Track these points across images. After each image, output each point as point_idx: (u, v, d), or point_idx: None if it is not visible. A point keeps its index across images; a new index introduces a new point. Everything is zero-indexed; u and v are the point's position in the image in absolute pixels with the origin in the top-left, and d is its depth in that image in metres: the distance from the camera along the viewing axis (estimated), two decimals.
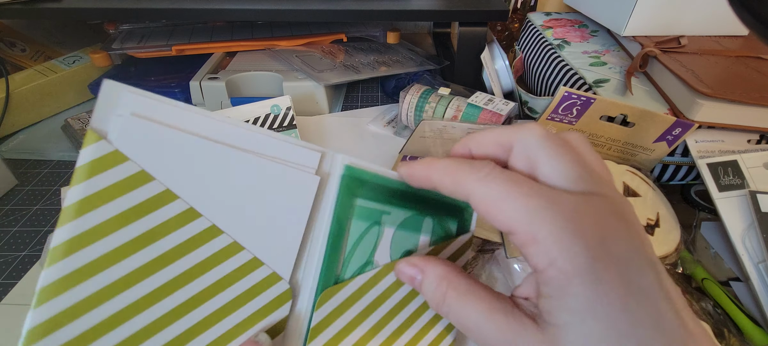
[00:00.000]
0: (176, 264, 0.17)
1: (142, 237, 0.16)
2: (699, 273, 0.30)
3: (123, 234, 0.16)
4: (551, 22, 0.57)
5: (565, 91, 0.34)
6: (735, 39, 0.43)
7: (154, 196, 0.16)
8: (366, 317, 0.21)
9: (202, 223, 0.17)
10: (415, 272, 0.18)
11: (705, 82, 0.33)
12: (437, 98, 0.44)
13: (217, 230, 0.17)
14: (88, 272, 0.15)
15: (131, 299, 0.16)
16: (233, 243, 0.18)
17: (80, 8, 0.45)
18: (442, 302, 0.17)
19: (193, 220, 0.17)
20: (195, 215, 0.17)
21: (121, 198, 0.16)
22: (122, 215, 0.16)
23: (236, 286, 0.18)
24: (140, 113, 0.16)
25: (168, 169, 0.17)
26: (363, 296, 0.21)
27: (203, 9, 0.45)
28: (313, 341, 0.20)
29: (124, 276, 0.16)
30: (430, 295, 0.17)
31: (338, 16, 0.47)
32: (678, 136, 0.34)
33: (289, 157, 0.19)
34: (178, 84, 0.49)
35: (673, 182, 0.39)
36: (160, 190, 0.16)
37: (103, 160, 0.15)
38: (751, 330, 0.26)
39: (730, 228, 0.29)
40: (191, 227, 0.17)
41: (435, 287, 0.17)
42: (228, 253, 0.18)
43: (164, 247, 0.17)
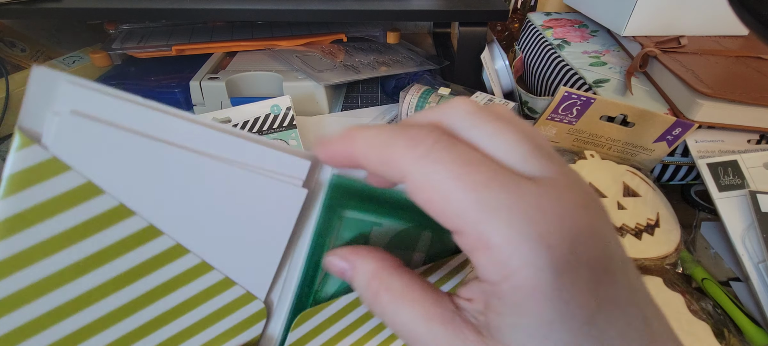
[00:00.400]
0: (133, 287, 0.15)
1: (92, 259, 0.14)
2: (699, 273, 0.30)
3: (66, 256, 0.14)
4: (551, 22, 0.57)
5: (565, 91, 0.34)
6: (735, 39, 0.43)
7: (104, 212, 0.14)
8: (344, 337, 0.20)
9: (164, 242, 0.15)
10: (344, 266, 0.16)
11: (705, 82, 0.33)
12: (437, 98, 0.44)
13: (183, 249, 0.15)
14: (24, 297, 0.13)
15: (80, 323, 0.14)
16: (201, 263, 0.16)
17: (80, 8, 0.45)
18: (374, 302, 0.15)
19: (154, 238, 0.15)
20: (155, 233, 0.15)
21: (63, 215, 0.13)
22: (65, 234, 0.13)
23: (204, 306, 0.17)
24: (83, 111, 0.13)
25: (121, 180, 0.14)
26: (343, 318, 0.19)
27: (203, 9, 0.45)
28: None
29: (69, 301, 0.14)
30: (361, 292, 0.15)
31: (338, 16, 0.47)
32: (678, 136, 0.34)
33: (274, 167, 0.16)
34: (178, 84, 0.49)
35: (673, 182, 0.39)
36: (112, 205, 0.14)
37: (39, 169, 0.13)
38: (751, 330, 0.26)
39: (730, 228, 0.29)
40: (151, 247, 0.15)
41: (366, 285, 0.15)
42: (196, 273, 0.16)
43: (119, 269, 0.15)
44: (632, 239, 0.30)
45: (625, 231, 0.31)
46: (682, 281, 0.30)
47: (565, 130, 0.37)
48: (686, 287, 0.30)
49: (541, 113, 0.36)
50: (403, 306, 0.14)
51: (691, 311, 0.27)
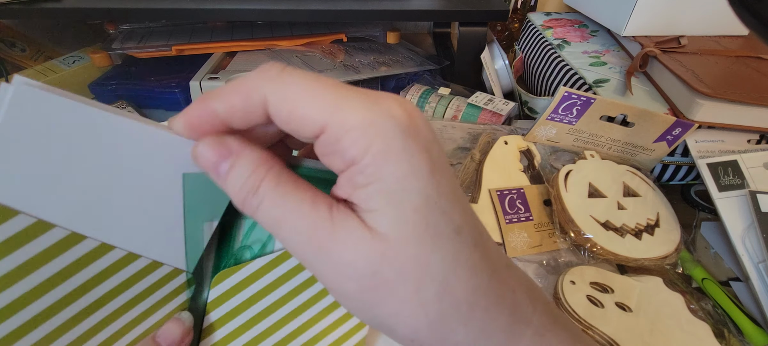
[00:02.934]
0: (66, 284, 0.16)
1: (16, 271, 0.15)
2: (699, 273, 0.30)
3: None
4: (551, 22, 0.57)
5: (565, 91, 0.34)
6: (735, 39, 0.43)
7: (21, 230, 0.14)
8: (262, 297, 0.22)
9: (89, 243, 0.16)
10: (220, 156, 0.14)
11: (705, 82, 0.33)
12: (437, 98, 0.44)
13: (108, 247, 0.17)
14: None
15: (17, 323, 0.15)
16: (128, 254, 0.17)
17: (80, 8, 0.45)
18: (252, 193, 0.14)
19: (79, 242, 0.16)
20: (79, 238, 0.16)
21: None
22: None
23: (136, 286, 0.18)
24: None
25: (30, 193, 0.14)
26: (260, 279, 0.21)
27: (203, 9, 0.45)
28: (210, 313, 0.21)
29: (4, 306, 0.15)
30: (239, 184, 0.14)
31: (338, 16, 0.47)
32: (678, 136, 0.34)
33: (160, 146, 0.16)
34: (178, 84, 0.49)
35: (673, 182, 0.39)
36: (29, 223, 0.14)
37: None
38: (751, 330, 0.26)
39: (730, 228, 0.29)
40: (77, 249, 0.16)
41: (249, 174, 0.14)
42: (124, 262, 0.17)
43: (45, 275, 0.15)
44: (632, 239, 0.30)
45: (625, 231, 0.31)
46: (682, 281, 0.30)
47: (565, 130, 0.37)
48: (686, 287, 0.30)
49: (541, 113, 0.36)
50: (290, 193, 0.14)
51: (691, 311, 0.27)
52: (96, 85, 0.50)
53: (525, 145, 0.37)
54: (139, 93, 0.49)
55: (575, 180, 0.33)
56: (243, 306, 0.22)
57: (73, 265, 0.16)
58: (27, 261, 0.15)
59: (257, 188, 0.14)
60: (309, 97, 0.13)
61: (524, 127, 0.40)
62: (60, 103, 0.14)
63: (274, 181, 0.14)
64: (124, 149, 0.15)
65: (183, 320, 0.19)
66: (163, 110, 0.50)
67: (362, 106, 0.13)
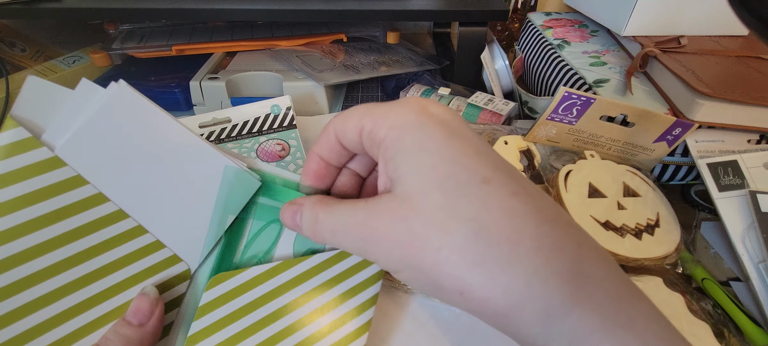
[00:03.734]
0: (78, 243, 0.19)
1: (47, 217, 0.18)
2: (699, 273, 0.30)
3: (28, 212, 0.17)
4: (551, 22, 0.57)
5: (565, 91, 0.34)
6: (735, 39, 0.43)
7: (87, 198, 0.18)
8: (258, 307, 0.22)
9: (108, 207, 0.19)
10: (295, 209, 0.19)
11: (705, 82, 0.33)
12: (437, 98, 0.44)
13: (123, 214, 0.19)
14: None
15: (30, 271, 0.18)
16: (138, 226, 0.20)
17: (80, 8, 0.45)
18: (315, 223, 0.18)
19: (100, 204, 0.19)
20: (102, 199, 0.19)
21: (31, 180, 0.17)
22: (29, 195, 0.17)
23: (135, 265, 0.20)
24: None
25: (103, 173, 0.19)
26: (256, 287, 0.22)
27: (203, 9, 0.45)
28: (201, 319, 0.21)
29: (25, 250, 0.17)
30: (307, 222, 0.18)
31: (338, 16, 0.47)
32: (678, 136, 0.34)
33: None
34: (178, 84, 0.49)
35: (673, 182, 0.39)
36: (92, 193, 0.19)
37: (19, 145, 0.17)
38: (751, 330, 0.26)
39: (730, 228, 0.29)
40: (96, 211, 0.19)
41: (309, 211, 0.18)
42: (131, 235, 0.20)
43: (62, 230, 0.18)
44: (632, 239, 0.30)
45: (625, 231, 0.31)
46: (682, 281, 0.30)
47: (565, 130, 0.37)
48: (686, 287, 0.30)
49: (541, 113, 0.36)
50: (337, 208, 0.17)
51: (691, 311, 0.27)
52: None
53: (525, 145, 0.37)
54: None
55: (575, 180, 0.33)
56: (240, 312, 0.21)
57: (88, 225, 0.19)
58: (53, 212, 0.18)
59: (317, 219, 0.18)
60: (350, 112, 0.17)
61: (524, 127, 0.40)
62: (145, 105, 0.19)
63: (326, 208, 0.18)
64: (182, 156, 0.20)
65: (148, 294, 0.20)
66: None
67: (384, 106, 0.17)
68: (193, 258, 0.21)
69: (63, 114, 0.18)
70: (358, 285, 0.23)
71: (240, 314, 0.21)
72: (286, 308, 0.22)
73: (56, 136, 0.18)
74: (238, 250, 0.22)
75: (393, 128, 0.16)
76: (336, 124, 0.18)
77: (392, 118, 0.16)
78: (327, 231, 0.17)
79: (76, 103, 0.18)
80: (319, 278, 0.23)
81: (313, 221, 0.18)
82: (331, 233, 0.17)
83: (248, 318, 0.21)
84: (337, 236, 0.17)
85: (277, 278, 0.22)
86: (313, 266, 0.23)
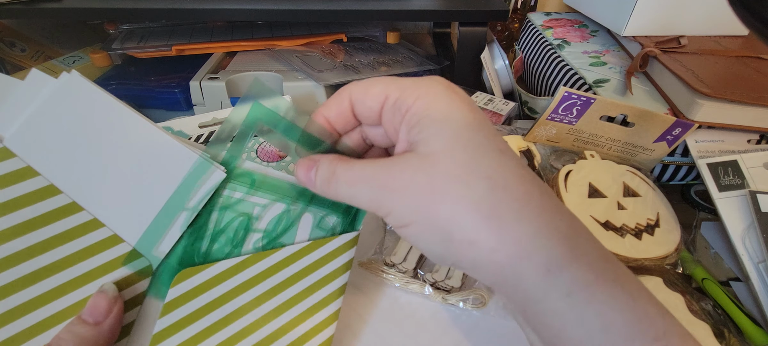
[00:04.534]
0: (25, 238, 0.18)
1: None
2: (699, 273, 0.30)
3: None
4: (551, 22, 0.57)
5: (565, 91, 0.34)
6: (735, 39, 0.43)
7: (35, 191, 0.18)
8: (226, 301, 0.21)
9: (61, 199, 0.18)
10: (310, 163, 0.19)
11: (705, 82, 0.33)
12: None
13: (77, 207, 0.19)
14: None
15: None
16: (93, 219, 0.19)
17: (80, 8, 0.45)
18: (331, 176, 0.18)
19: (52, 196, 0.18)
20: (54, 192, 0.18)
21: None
22: None
23: (90, 260, 0.19)
24: None
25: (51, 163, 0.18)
26: (224, 282, 0.21)
27: (203, 9, 0.45)
28: (166, 315, 0.20)
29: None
30: (322, 175, 0.19)
31: (338, 16, 0.47)
32: (678, 136, 0.34)
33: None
34: (178, 84, 0.49)
35: (673, 182, 0.39)
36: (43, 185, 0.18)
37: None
38: (751, 330, 0.26)
39: (730, 228, 0.29)
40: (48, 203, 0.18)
41: (327, 164, 0.18)
42: (86, 229, 0.19)
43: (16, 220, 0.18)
44: (632, 239, 0.30)
45: (625, 231, 0.31)
46: (682, 281, 0.30)
47: (565, 130, 0.37)
48: (686, 287, 0.30)
49: (541, 113, 0.36)
50: (356, 164, 0.18)
51: (691, 311, 0.27)
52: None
53: (525, 145, 0.37)
54: (139, 93, 0.49)
55: (575, 180, 0.33)
56: (208, 308, 0.21)
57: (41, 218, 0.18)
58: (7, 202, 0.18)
59: (334, 172, 0.18)
60: (372, 82, 0.18)
61: (524, 127, 0.40)
62: (98, 95, 0.19)
63: (344, 163, 0.18)
64: (139, 147, 0.19)
65: (106, 291, 0.19)
66: (163, 110, 0.50)
67: (410, 79, 0.18)
68: (153, 253, 0.20)
69: (12, 104, 0.18)
70: (326, 276, 0.23)
71: (207, 310, 0.21)
72: (255, 302, 0.22)
73: (5, 126, 0.18)
74: (203, 244, 0.21)
75: (421, 97, 0.17)
76: (354, 90, 0.19)
77: (423, 89, 0.17)
78: (343, 183, 0.18)
79: (27, 94, 0.18)
80: (288, 270, 0.23)
81: (330, 174, 0.18)
82: (347, 185, 0.18)
83: (216, 313, 0.21)
84: (353, 187, 0.18)
85: (245, 272, 0.21)
86: (282, 259, 0.22)
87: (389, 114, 0.18)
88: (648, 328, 0.15)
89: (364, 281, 0.30)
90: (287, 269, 0.23)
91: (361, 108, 0.19)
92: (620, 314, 0.15)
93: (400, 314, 0.28)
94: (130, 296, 0.20)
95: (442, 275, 0.29)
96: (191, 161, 0.20)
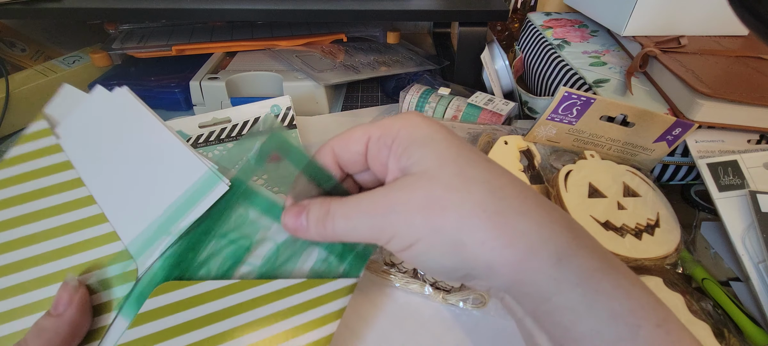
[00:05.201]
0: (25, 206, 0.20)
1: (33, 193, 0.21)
2: (699, 273, 0.30)
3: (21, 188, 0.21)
4: (551, 22, 0.57)
5: (565, 91, 0.34)
6: (735, 39, 0.43)
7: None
8: (205, 325, 0.20)
9: (82, 192, 0.21)
10: (299, 209, 0.19)
11: (705, 82, 0.33)
12: (437, 98, 0.44)
13: (91, 200, 0.21)
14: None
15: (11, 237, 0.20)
16: (100, 214, 0.21)
17: (80, 8, 0.45)
18: (326, 215, 0.18)
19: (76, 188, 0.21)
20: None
21: (35, 160, 0.21)
22: (29, 173, 0.21)
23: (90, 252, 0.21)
24: None
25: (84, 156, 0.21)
26: (207, 303, 0.20)
27: (203, 9, 0.45)
28: (138, 327, 0.19)
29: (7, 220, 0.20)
30: (315, 216, 0.19)
31: (338, 16, 0.47)
32: (678, 136, 0.34)
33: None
34: (178, 84, 0.49)
35: (673, 182, 0.39)
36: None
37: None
38: (751, 330, 0.26)
39: (730, 228, 0.29)
40: (74, 193, 0.21)
41: (319, 205, 0.19)
42: (93, 222, 0.21)
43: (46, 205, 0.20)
44: (632, 239, 0.30)
45: (625, 231, 0.31)
46: (682, 281, 0.30)
47: (565, 130, 0.37)
48: (686, 287, 0.30)
49: (541, 113, 0.36)
50: (351, 200, 0.18)
51: (691, 311, 0.27)
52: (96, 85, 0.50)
53: (525, 145, 0.37)
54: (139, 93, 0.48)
55: (575, 180, 0.33)
56: (185, 328, 0.20)
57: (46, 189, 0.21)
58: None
59: (328, 210, 0.18)
60: (349, 131, 0.19)
61: (524, 128, 0.40)
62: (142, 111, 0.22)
63: (337, 199, 0.18)
64: (157, 148, 0.22)
65: (68, 282, 0.20)
66: (163, 110, 0.50)
67: (387, 118, 0.19)
68: (143, 260, 0.20)
69: (77, 113, 0.22)
70: (315, 320, 0.22)
71: (183, 330, 0.20)
72: (235, 332, 0.20)
73: (65, 129, 0.22)
74: (195, 260, 0.21)
75: (404, 127, 0.18)
76: (335, 142, 0.19)
77: (402, 121, 0.18)
78: (340, 218, 0.18)
79: (89, 104, 0.22)
80: (277, 305, 0.21)
81: (324, 213, 0.18)
82: (344, 219, 0.18)
83: (192, 335, 0.20)
84: (351, 220, 0.18)
85: (232, 298, 0.20)
86: (271, 292, 0.21)
87: (374, 151, 0.19)
88: (650, 314, 0.15)
89: (364, 281, 0.30)
90: (274, 303, 0.21)
91: (346, 155, 0.19)
92: (626, 301, 0.15)
93: (400, 314, 0.28)
94: (109, 299, 0.20)
95: None
96: (200, 172, 0.21)
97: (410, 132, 0.18)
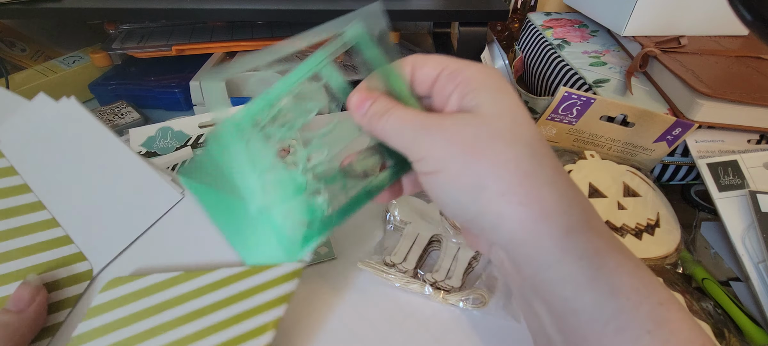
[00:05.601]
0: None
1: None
2: (699, 273, 0.30)
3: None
4: (551, 22, 0.57)
5: (565, 91, 0.34)
6: (735, 39, 0.43)
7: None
8: (152, 314, 0.21)
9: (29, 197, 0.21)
10: (367, 95, 0.21)
11: (705, 82, 0.33)
12: None
13: (41, 206, 0.22)
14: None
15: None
16: (52, 219, 0.22)
17: (80, 8, 0.45)
18: (386, 112, 0.20)
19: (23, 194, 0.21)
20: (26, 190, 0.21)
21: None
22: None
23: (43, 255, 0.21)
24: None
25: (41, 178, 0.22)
26: (154, 294, 0.21)
27: (203, 9, 0.45)
28: (90, 319, 0.21)
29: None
30: (377, 109, 0.20)
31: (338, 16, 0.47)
32: (678, 136, 0.34)
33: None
34: (178, 84, 0.49)
35: (673, 182, 0.39)
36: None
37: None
38: (751, 330, 0.26)
39: (730, 228, 0.29)
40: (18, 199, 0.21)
41: (384, 103, 0.20)
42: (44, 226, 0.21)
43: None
44: (632, 239, 0.30)
45: (625, 231, 0.31)
46: (682, 281, 0.30)
47: (565, 130, 0.37)
48: (686, 287, 0.30)
49: (541, 113, 0.36)
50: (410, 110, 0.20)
51: (691, 311, 0.27)
52: (96, 85, 0.50)
53: None
54: (139, 93, 0.49)
55: (575, 180, 0.33)
56: (132, 318, 0.21)
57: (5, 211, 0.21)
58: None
59: (389, 109, 0.20)
60: (434, 55, 0.21)
61: None
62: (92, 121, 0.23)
63: (400, 105, 0.20)
64: (119, 169, 0.23)
65: (29, 282, 0.21)
66: (163, 110, 0.50)
67: (468, 61, 0.20)
68: (100, 261, 0.22)
69: (17, 120, 0.22)
70: (260, 306, 0.22)
71: (131, 320, 0.21)
72: (181, 319, 0.21)
73: (5, 134, 0.22)
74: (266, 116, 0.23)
75: (479, 72, 0.19)
76: (416, 58, 0.21)
77: (477, 67, 0.19)
78: (395, 118, 0.19)
79: (31, 112, 0.22)
80: (221, 292, 0.22)
81: (384, 109, 0.20)
82: (398, 120, 0.19)
83: (140, 325, 0.21)
84: (403, 124, 0.19)
85: (177, 288, 0.22)
86: (217, 279, 0.22)
87: (443, 81, 0.20)
88: (652, 292, 0.16)
89: (365, 281, 0.30)
90: (221, 291, 0.22)
91: (419, 74, 0.21)
92: (628, 278, 0.16)
93: (401, 314, 0.28)
94: (64, 297, 0.21)
95: (442, 275, 0.29)
96: (174, 200, 0.22)
97: (481, 78, 0.19)
